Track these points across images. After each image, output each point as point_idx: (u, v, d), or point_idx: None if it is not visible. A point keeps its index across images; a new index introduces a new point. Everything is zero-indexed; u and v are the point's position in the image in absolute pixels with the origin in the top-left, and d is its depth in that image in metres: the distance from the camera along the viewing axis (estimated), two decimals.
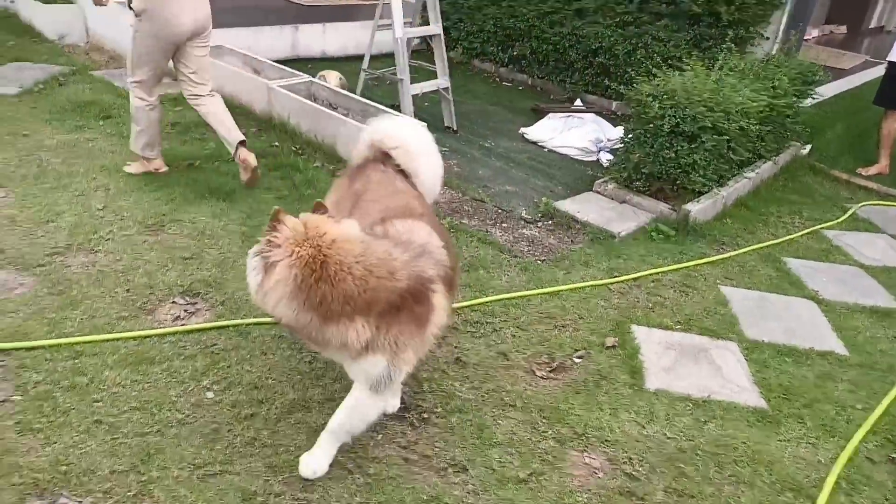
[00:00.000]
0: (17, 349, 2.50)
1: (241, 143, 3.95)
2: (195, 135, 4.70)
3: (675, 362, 2.95)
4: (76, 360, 2.49)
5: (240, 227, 3.57)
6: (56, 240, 3.23)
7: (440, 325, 2.06)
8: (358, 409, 2.11)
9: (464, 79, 6.72)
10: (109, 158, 4.17)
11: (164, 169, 4.10)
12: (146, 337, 2.66)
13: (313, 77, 5.39)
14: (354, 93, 5.25)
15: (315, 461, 2.16)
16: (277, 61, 5.86)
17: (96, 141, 4.40)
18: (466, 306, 3.15)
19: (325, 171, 4.37)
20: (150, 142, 3.99)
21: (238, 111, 5.15)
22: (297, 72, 5.38)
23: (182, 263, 3.19)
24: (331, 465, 2.19)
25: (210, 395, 2.43)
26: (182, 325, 2.78)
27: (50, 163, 4.04)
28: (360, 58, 6.79)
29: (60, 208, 3.56)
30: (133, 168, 4.06)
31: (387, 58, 6.73)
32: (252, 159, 3.94)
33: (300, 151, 4.64)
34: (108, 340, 2.61)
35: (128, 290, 2.94)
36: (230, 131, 3.97)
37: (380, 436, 2.38)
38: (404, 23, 4.97)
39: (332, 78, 5.52)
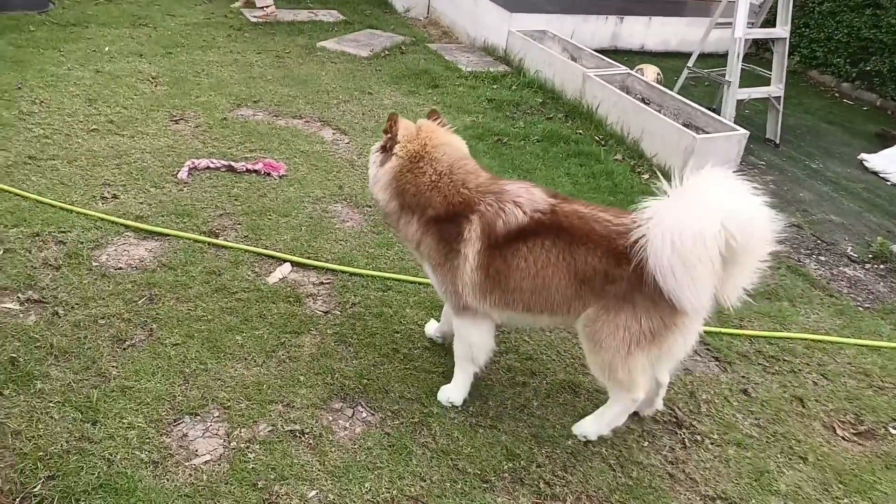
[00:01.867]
0: (343, 272, 2.88)
1: None
2: (507, 112, 4.92)
3: None
4: (385, 293, 2.79)
5: None
6: None
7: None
8: (457, 333, 2.21)
9: (795, 90, 6.04)
10: None
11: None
12: None
13: (630, 69, 5.29)
14: (671, 89, 5.03)
15: (450, 392, 2.26)
16: (596, 50, 5.86)
17: (423, 107, 4.84)
18: (762, 336, 2.85)
19: (625, 164, 4.27)
20: None
21: (549, 95, 5.30)
22: (614, 62, 5.33)
23: None
24: (594, 456, 2.16)
25: None
26: None
27: (384, 120, 4.54)
28: (680, 55, 6.53)
29: None
30: None
31: (709, 58, 6.38)
32: None
33: (603, 142, 4.60)
34: (412, 282, 2.87)
35: None
36: None
37: (646, 443, 2.27)
38: (747, 24, 4.59)
39: (650, 72, 5.36)
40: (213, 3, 6.62)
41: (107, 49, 5.06)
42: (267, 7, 6.45)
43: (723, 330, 2.83)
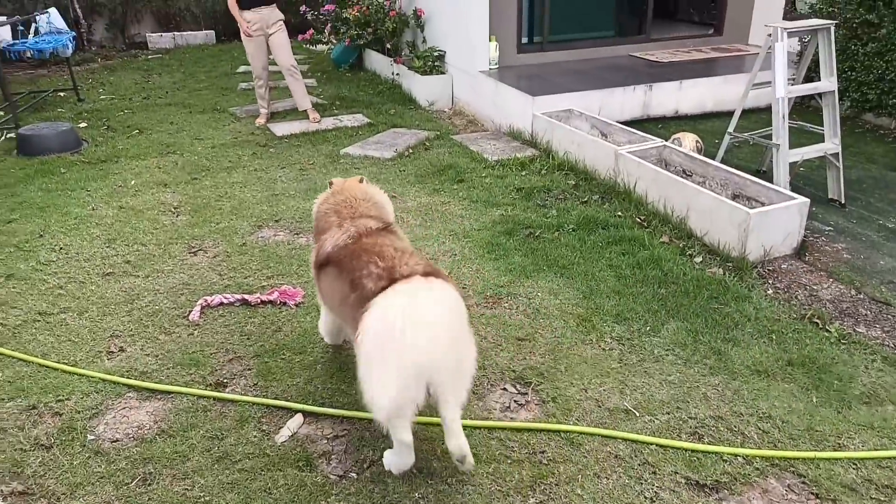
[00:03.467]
0: (360, 419, 2.56)
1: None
2: (537, 200, 4.64)
3: None
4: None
5: (575, 308, 3.30)
6: None
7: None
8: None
9: (851, 137, 5.57)
10: (458, 224, 4.32)
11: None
12: (475, 428, 2.52)
13: (665, 139, 4.97)
14: (714, 158, 4.67)
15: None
16: (628, 122, 5.61)
17: (449, 205, 4.62)
18: (869, 459, 2.34)
19: (673, 247, 3.88)
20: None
21: (582, 176, 5.01)
22: (647, 135, 5.02)
23: (515, 345, 3.03)
24: None
25: None
26: (510, 418, 2.58)
27: (409, 224, 4.34)
28: (718, 115, 6.19)
29: None
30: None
31: (750, 114, 6.01)
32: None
33: (645, 223, 4.24)
34: (437, 425, 2.52)
35: None
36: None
37: None
38: (788, 80, 4.24)
39: (688, 141, 5.02)
40: (242, 121, 6.71)
41: (132, 182, 5.08)
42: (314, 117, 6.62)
43: (818, 455, 2.35)
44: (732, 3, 7.41)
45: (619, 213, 4.37)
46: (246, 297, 3.44)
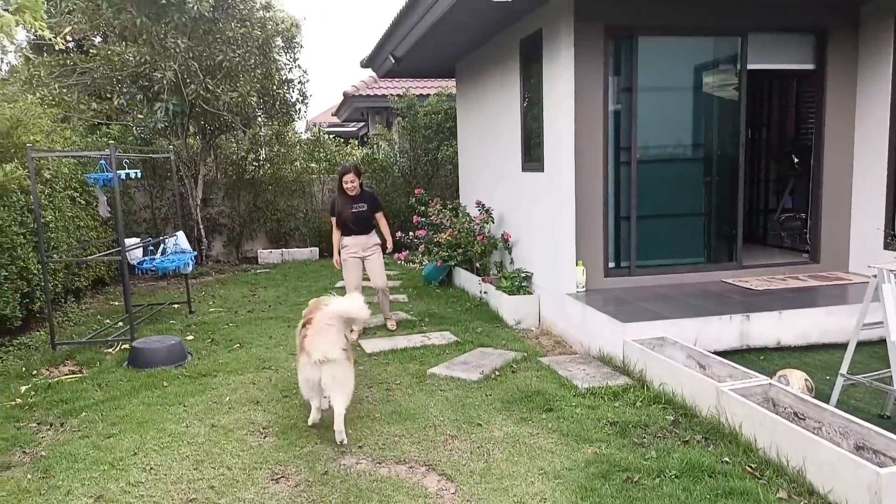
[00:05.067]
0: None
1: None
2: (633, 437, 4.36)
3: None
4: None
5: None
6: None
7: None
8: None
9: None
10: (548, 460, 4.08)
11: None
12: None
13: (769, 374, 4.70)
14: (827, 399, 4.33)
15: None
16: (724, 352, 5.39)
17: (537, 437, 4.41)
18: None
19: None
20: None
21: (681, 411, 4.72)
22: (749, 370, 4.76)
23: None
24: None
25: None
26: None
27: (495, 458, 4.13)
28: (825, 347, 5.86)
29: None
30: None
31: (863, 346, 5.63)
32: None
33: (758, 473, 3.84)
34: None
35: None
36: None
37: None
38: None
39: (796, 379, 4.70)
40: None
41: (227, 399, 5.22)
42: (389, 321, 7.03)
43: None
44: (828, 229, 7.39)
45: (727, 459, 4.01)
46: None
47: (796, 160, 8.98)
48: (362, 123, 21.41)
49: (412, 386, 5.42)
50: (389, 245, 7.19)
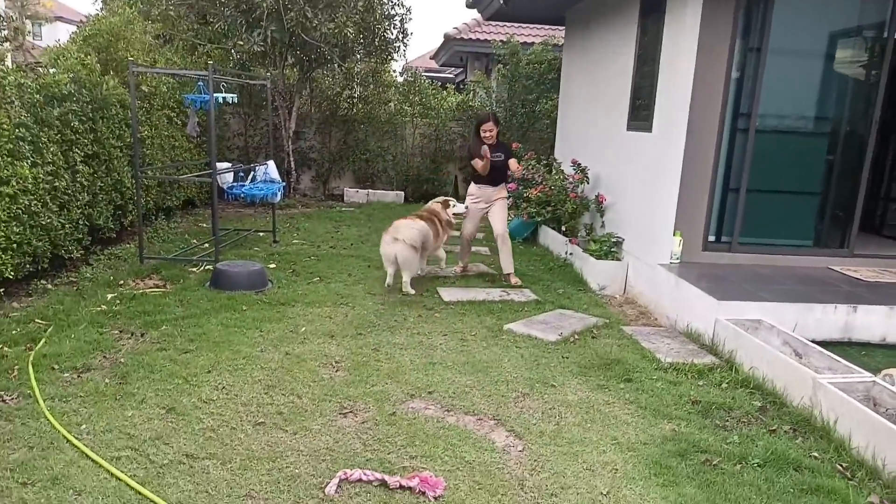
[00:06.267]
0: None
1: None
2: (716, 419, 4.10)
3: None
4: None
5: None
6: None
7: None
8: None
9: None
10: (622, 431, 3.90)
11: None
12: None
13: (870, 371, 4.31)
14: None
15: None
16: (823, 342, 4.97)
17: (613, 406, 4.23)
18: None
19: None
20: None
21: (770, 398, 4.41)
22: (851, 365, 4.37)
23: None
24: None
25: None
26: None
27: (567, 422, 3.99)
28: None
29: (567, 481, 3.36)
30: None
31: None
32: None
33: (849, 474, 3.53)
34: None
35: None
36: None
37: None
38: None
39: None
40: (414, 281, 6.91)
41: (303, 329, 5.28)
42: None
43: None
44: None
45: (816, 455, 3.71)
46: (385, 477, 3.24)
47: None
48: (460, 70, 21.03)
49: (487, 339, 5.31)
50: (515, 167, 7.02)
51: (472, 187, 7.04)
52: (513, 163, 6.95)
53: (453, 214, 7.12)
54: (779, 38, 6.08)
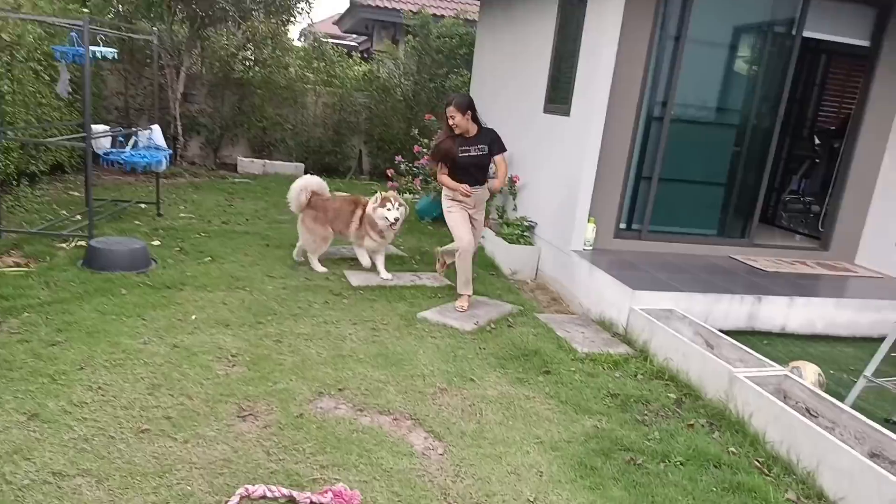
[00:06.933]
0: None
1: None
2: (635, 413, 4.03)
3: None
4: None
5: None
6: None
7: None
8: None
9: None
10: (545, 429, 3.72)
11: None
12: None
13: (774, 359, 4.47)
14: (842, 399, 4.03)
15: None
16: (730, 332, 5.07)
17: (534, 401, 4.05)
18: None
19: None
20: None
21: (685, 390, 4.40)
22: (762, 357, 4.43)
23: None
24: None
25: None
26: None
27: (488, 419, 3.76)
28: (827, 339, 5.60)
29: (492, 487, 3.13)
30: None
31: (867, 342, 5.41)
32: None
33: (766, 469, 3.54)
34: None
35: None
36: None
37: None
38: None
39: (809, 373, 4.40)
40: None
41: (193, 317, 4.72)
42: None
43: None
44: (843, 217, 7.03)
45: (733, 450, 3.70)
46: (294, 493, 2.86)
47: (818, 142, 8.56)
48: (364, 38, 20.25)
49: (400, 328, 4.98)
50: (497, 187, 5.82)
51: (449, 191, 5.55)
52: (499, 162, 5.58)
53: (387, 221, 5.86)
54: (698, 29, 6.08)
